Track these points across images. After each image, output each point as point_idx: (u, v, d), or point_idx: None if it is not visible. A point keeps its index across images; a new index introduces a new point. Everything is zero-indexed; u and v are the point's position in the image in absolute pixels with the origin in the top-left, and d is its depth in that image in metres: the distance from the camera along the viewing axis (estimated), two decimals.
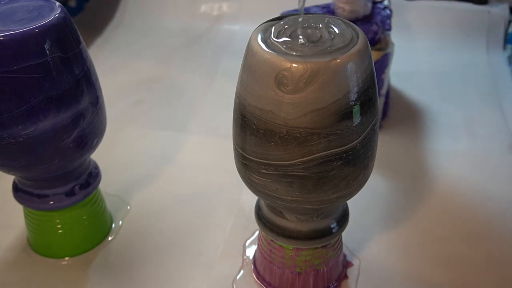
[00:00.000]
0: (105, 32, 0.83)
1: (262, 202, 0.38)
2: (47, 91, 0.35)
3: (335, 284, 0.42)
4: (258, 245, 0.42)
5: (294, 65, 0.28)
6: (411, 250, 0.45)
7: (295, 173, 0.31)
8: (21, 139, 0.36)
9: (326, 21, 0.32)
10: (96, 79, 0.40)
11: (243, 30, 0.79)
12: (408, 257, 0.45)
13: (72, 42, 0.36)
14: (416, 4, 0.79)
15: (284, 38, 0.31)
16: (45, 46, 0.34)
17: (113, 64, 0.75)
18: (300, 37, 0.31)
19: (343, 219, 0.38)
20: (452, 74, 0.71)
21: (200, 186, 0.53)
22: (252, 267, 0.43)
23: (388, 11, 0.57)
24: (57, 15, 0.35)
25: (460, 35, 0.76)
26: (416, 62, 0.73)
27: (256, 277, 0.43)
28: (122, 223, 0.48)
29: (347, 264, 0.44)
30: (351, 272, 0.43)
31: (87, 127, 0.39)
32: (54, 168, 0.39)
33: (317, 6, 0.57)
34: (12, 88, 0.34)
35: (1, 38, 0.33)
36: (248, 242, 0.46)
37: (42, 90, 0.35)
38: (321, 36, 0.31)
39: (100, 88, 0.40)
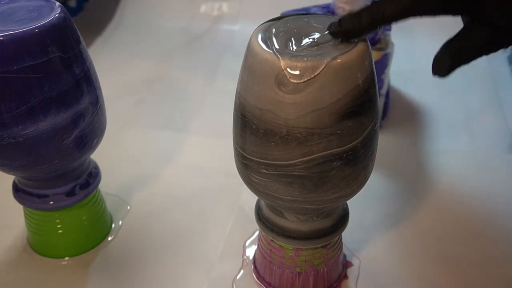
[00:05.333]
0: (105, 32, 0.83)
1: (262, 202, 0.38)
2: (47, 91, 0.35)
3: (335, 284, 0.42)
4: (258, 245, 0.42)
5: (295, 65, 0.28)
6: (411, 250, 0.45)
7: (295, 173, 0.31)
8: (21, 139, 0.36)
9: (326, 21, 0.32)
10: (96, 79, 0.40)
11: (243, 30, 0.79)
12: (408, 257, 0.45)
13: (72, 42, 0.36)
14: None
15: (284, 38, 0.31)
16: (45, 46, 0.34)
17: (113, 64, 0.75)
18: (300, 37, 0.31)
19: (343, 219, 0.38)
20: (452, 74, 0.71)
21: (200, 186, 0.53)
22: (252, 267, 0.43)
23: None
24: (57, 15, 0.35)
25: None
26: (416, 62, 0.73)
27: (256, 277, 0.43)
28: (122, 223, 0.48)
29: (347, 264, 0.44)
30: (351, 272, 0.43)
31: (87, 127, 0.38)
32: (54, 168, 0.39)
33: (317, 6, 0.57)
34: (12, 88, 0.34)
35: (1, 38, 0.33)
36: (248, 242, 0.46)
37: (42, 90, 0.35)
38: (321, 36, 0.31)
39: (100, 88, 0.40)
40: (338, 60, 0.29)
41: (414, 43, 0.77)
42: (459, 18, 0.31)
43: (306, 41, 0.30)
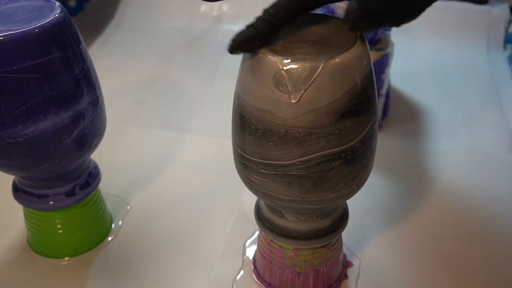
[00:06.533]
0: (105, 32, 0.83)
1: (262, 202, 0.38)
2: (47, 91, 0.35)
3: (335, 284, 0.42)
4: (258, 245, 0.42)
5: (293, 65, 0.28)
6: (411, 250, 0.45)
7: (294, 172, 0.31)
8: (21, 139, 0.36)
9: (325, 21, 0.32)
10: (96, 79, 0.40)
11: None
12: (408, 257, 0.45)
13: (72, 42, 0.36)
14: None
15: (283, 38, 0.31)
16: (45, 46, 0.34)
17: (113, 64, 0.75)
18: (299, 37, 0.31)
19: (342, 219, 0.38)
20: (452, 74, 0.71)
21: (200, 186, 0.53)
22: (252, 267, 0.43)
23: None
24: (57, 15, 0.35)
25: (460, 35, 0.76)
26: (416, 62, 0.73)
27: (256, 277, 0.43)
28: (122, 223, 0.48)
29: (347, 264, 0.44)
30: (351, 272, 0.43)
31: (87, 127, 0.39)
32: (54, 168, 0.39)
33: None
34: (12, 88, 0.34)
35: (1, 38, 0.33)
36: (248, 242, 0.46)
37: (42, 90, 0.35)
38: (320, 36, 0.31)
39: (100, 88, 0.40)
40: (336, 60, 0.29)
41: (414, 43, 0.77)
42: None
43: (304, 41, 0.30)
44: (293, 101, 0.29)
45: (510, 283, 0.43)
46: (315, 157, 0.30)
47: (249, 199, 0.50)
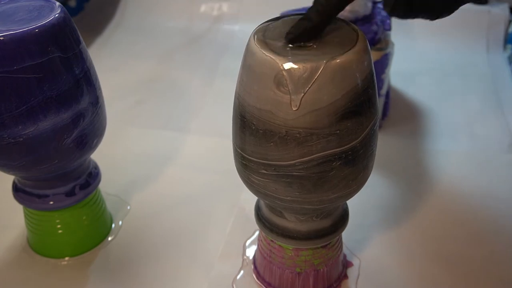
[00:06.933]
0: (105, 32, 0.83)
1: (262, 202, 0.38)
2: (47, 91, 0.35)
3: (335, 284, 0.42)
4: (258, 245, 0.42)
5: (293, 65, 0.28)
6: (411, 250, 0.45)
7: (294, 173, 0.31)
8: (21, 139, 0.36)
9: None
10: (96, 79, 0.40)
11: (243, 30, 0.79)
12: (408, 257, 0.45)
13: (72, 42, 0.36)
14: None
15: (283, 38, 0.31)
16: (45, 46, 0.34)
17: (113, 64, 0.75)
18: None
19: (343, 219, 0.38)
20: (452, 74, 0.71)
21: (200, 186, 0.53)
22: (252, 267, 0.43)
23: None
24: (57, 15, 0.35)
25: (460, 35, 0.76)
26: (416, 62, 0.73)
27: (256, 277, 0.43)
28: (122, 223, 0.48)
29: (347, 264, 0.44)
30: (351, 272, 0.43)
31: (87, 127, 0.39)
32: (54, 168, 0.39)
33: None
34: (12, 88, 0.34)
35: (1, 38, 0.33)
36: (248, 242, 0.46)
37: (42, 90, 0.35)
38: (320, 36, 0.31)
39: (100, 88, 0.40)
40: (337, 61, 0.29)
41: (414, 43, 0.77)
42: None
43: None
44: (294, 108, 0.29)
45: (510, 283, 0.43)
46: (316, 157, 0.30)
47: (249, 199, 0.50)
